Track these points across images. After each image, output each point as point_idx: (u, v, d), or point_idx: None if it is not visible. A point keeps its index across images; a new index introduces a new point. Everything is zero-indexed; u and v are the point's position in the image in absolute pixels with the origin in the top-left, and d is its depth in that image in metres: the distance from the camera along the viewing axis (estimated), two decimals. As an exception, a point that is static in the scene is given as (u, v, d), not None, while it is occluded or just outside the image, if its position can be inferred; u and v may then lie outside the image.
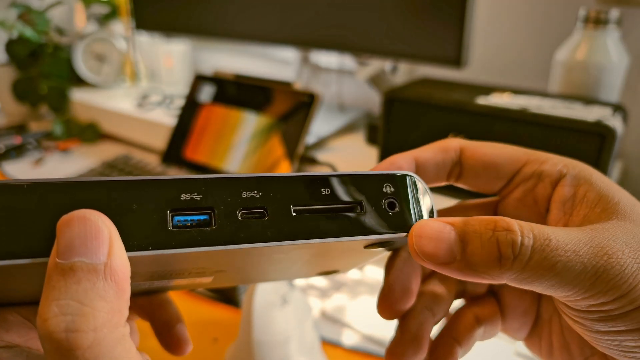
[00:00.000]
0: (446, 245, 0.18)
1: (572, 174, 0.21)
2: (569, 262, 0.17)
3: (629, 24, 0.67)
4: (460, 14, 0.63)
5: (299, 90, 0.72)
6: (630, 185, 0.73)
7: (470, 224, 0.18)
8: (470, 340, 0.24)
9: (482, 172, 0.23)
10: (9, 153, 0.91)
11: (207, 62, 1.20)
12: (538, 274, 0.17)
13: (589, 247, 0.17)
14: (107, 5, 1.17)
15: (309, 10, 0.76)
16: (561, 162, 0.22)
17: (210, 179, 0.18)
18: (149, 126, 0.91)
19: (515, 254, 0.17)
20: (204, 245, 0.17)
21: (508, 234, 0.17)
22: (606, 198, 0.20)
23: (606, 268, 0.16)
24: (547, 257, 0.17)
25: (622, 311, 0.17)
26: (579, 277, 0.17)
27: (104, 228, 0.15)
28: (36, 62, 1.06)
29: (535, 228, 0.17)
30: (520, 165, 0.22)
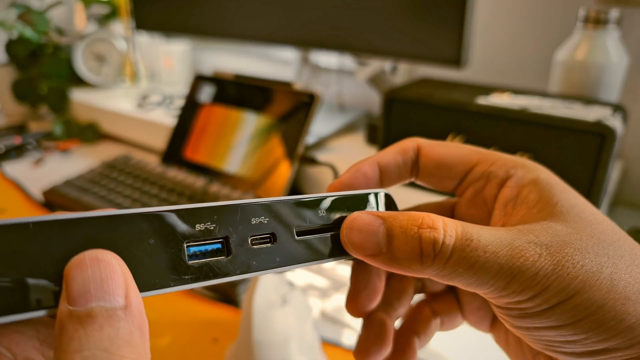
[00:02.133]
0: (374, 238, 0.18)
1: (518, 175, 0.22)
2: (486, 262, 0.17)
3: (629, 24, 0.67)
4: (460, 14, 0.63)
5: (299, 90, 0.72)
6: (630, 185, 0.73)
7: (398, 219, 0.19)
8: (428, 332, 0.25)
9: (435, 172, 0.23)
10: (9, 153, 0.91)
11: (207, 62, 1.21)
12: (457, 272, 0.18)
13: (509, 248, 0.18)
14: (107, 5, 1.17)
15: (309, 11, 0.76)
16: (510, 163, 0.22)
17: (220, 207, 0.18)
18: (149, 126, 0.91)
19: (436, 252, 0.18)
20: (221, 277, 0.17)
21: (431, 232, 0.18)
22: (545, 199, 0.20)
23: (521, 269, 0.17)
24: (467, 256, 0.17)
25: (538, 309, 0.18)
26: (496, 277, 0.17)
27: (118, 268, 0.14)
28: (36, 62, 1.06)
29: (460, 227, 0.18)
30: (471, 165, 0.23)
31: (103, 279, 0.14)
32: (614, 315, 0.17)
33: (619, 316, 0.17)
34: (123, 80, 1.16)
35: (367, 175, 0.23)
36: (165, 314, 0.50)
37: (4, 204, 0.75)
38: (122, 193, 0.70)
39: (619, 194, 0.73)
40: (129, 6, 1.00)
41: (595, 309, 0.17)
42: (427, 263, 0.18)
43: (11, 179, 0.82)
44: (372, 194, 0.22)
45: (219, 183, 0.71)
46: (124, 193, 0.70)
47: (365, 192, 0.22)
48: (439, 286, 0.27)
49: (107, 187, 0.72)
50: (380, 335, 0.24)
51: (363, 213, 0.19)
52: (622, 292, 0.17)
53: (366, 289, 0.24)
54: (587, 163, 0.49)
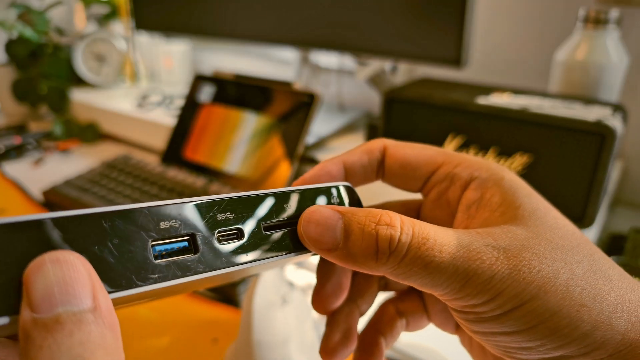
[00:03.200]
0: (331, 232, 0.18)
1: (482, 178, 0.21)
2: (441, 263, 0.17)
3: (629, 24, 0.67)
4: (460, 14, 0.63)
5: (299, 90, 0.72)
6: (630, 185, 0.73)
7: (357, 215, 0.18)
8: (394, 332, 0.25)
9: (400, 172, 0.23)
10: (9, 153, 0.91)
11: (207, 62, 1.21)
12: (412, 271, 0.17)
13: (466, 250, 0.17)
14: (107, 5, 1.17)
15: (309, 10, 0.76)
16: (474, 165, 0.22)
17: (185, 204, 0.18)
18: (149, 126, 0.91)
19: (391, 250, 0.17)
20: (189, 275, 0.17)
21: (388, 229, 0.17)
22: (508, 202, 0.20)
23: (476, 272, 0.17)
24: (422, 255, 0.17)
25: (493, 314, 0.17)
26: (450, 278, 0.17)
27: (82, 268, 0.13)
28: (36, 62, 1.06)
29: (417, 225, 0.18)
30: (435, 167, 0.23)
31: (67, 281, 0.13)
32: (569, 322, 0.17)
33: (574, 323, 0.17)
34: (123, 80, 1.16)
35: (331, 174, 0.23)
36: (165, 314, 0.50)
37: (4, 204, 0.75)
38: (122, 193, 0.70)
39: (619, 194, 0.73)
40: (129, 6, 1.00)
41: (550, 316, 0.17)
42: (382, 260, 0.17)
43: (11, 179, 0.82)
44: (333, 186, 0.22)
45: (219, 183, 0.71)
46: (124, 193, 0.70)
47: (327, 185, 0.22)
48: (402, 284, 0.26)
49: (107, 187, 0.72)
50: (346, 333, 0.24)
51: (322, 207, 0.19)
52: (578, 298, 0.17)
53: (332, 285, 0.23)
54: (587, 163, 0.49)
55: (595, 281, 0.18)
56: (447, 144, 0.57)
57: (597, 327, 0.17)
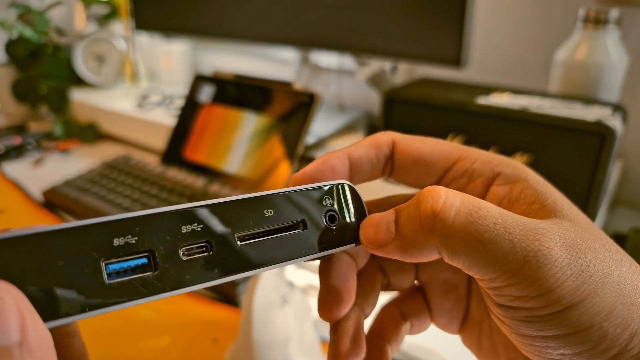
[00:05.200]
0: (384, 226, 0.18)
1: (507, 173, 0.20)
2: (497, 235, 0.16)
3: (629, 24, 0.67)
4: (460, 14, 0.63)
5: (299, 90, 0.72)
6: (630, 185, 0.73)
7: (404, 207, 0.18)
8: (399, 337, 0.24)
9: (412, 168, 0.22)
10: (8, 153, 0.91)
11: (207, 62, 1.21)
12: (464, 241, 0.16)
13: (522, 228, 0.16)
14: (107, 5, 1.17)
15: (308, 11, 0.76)
16: (494, 161, 0.21)
17: (142, 217, 0.16)
18: (149, 126, 0.91)
19: (435, 213, 0.16)
20: (147, 296, 0.15)
21: (429, 195, 0.17)
22: (543, 195, 0.19)
23: (536, 254, 0.16)
24: (474, 222, 0.16)
25: (548, 312, 0.16)
26: (507, 256, 0.16)
27: (10, 299, 0.12)
28: (36, 62, 1.06)
29: (466, 195, 0.17)
30: (451, 162, 0.21)
31: None
32: (621, 322, 0.16)
33: (625, 323, 0.16)
34: (123, 80, 1.16)
35: (335, 168, 0.21)
36: (165, 314, 0.50)
37: (4, 204, 0.75)
38: (122, 193, 0.70)
39: (619, 194, 0.73)
40: (129, 6, 1.00)
41: (605, 315, 0.16)
42: (427, 227, 0.16)
43: (11, 179, 0.82)
44: (332, 186, 0.20)
45: (219, 183, 0.71)
46: (123, 193, 0.70)
47: (323, 184, 0.20)
48: (405, 282, 0.25)
49: (107, 187, 0.72)
50: (355, 339, 0.22)
51: (378, 213, 0.19)
52: (628, 296, 0.16)
53: (341, 290, 0.22)
54: (587, 163, 0.49)
55: (638, 280, 0.17)
56: (447, 144, 0.57)
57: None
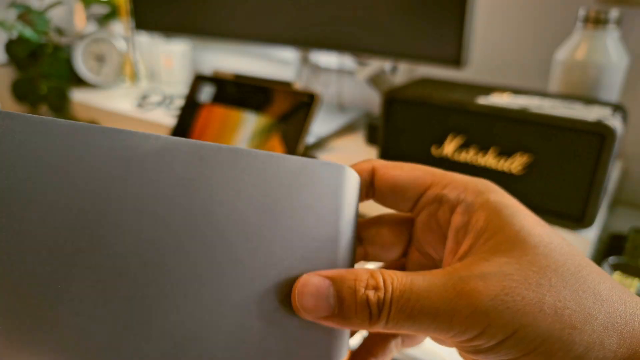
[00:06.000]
0: (325, 302, 0.19)
1: (468, 201, 0.21)
2: (423, 309, 0.18)
3: (629, 24, 0.67)
4: (460, 14, 0.63)
5: (299, 90, 0.72)
6: (630, 185, 0.73)
7: (347, 280, 0.19)
8: (386, 353, 0.24)
9: (389, 194, 0.23)
10: (8, 153, 0.91)
11: (207, 62, 1.20)
12: (401, 322, 0.18)
13: (444, 291, 0.18)
14: (107, 5, 1.17)
15: (308, 11, 0.76)
16: (461, 186, 0.22)
17: None
18: (149, 126, 0.91)
19: (380, 310, 0.18)
20: None
21: (376, 293, 0.19)
22: (492, 227, 0.20)
23: (457, 309, 0.18)
24: (404, 308, 0.18)
25: (488, 345, 0.18)
26: (436, 321, 0.18)
27: None
28: (36, 62, 1.06)
29: (396, 280, 0.19)
30: (424, 188, 0.23)
31: None
32: (561, 346, 0.17)
33: (567, 346, 0.17)
34: (123, 80, 1.16)
35: None
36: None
37: (4, 204, 0.75)
38: (122, 193, 0.70)
39: (619, 194, 0.73)
40: (129, 6, 1.00)
41: (542, 341, 0.17)
42: (374, 320, 0.19)
43: (11, 179, 0.82)
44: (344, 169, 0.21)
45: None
46: (124, 193, 0.70)
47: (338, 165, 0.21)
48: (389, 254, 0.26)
49: (107, 187, 0.72)
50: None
51: (312, 276, 0.20)
52: (568, 321, 0.17)
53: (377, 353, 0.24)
54: (587, 163, 0.49)
55: (585, 300, 0.18)
56: (447, 144, 0.57)
57: (589, 349, 0.17)
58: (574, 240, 0.51)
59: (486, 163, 0.55)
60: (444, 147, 0.57)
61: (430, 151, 0.58)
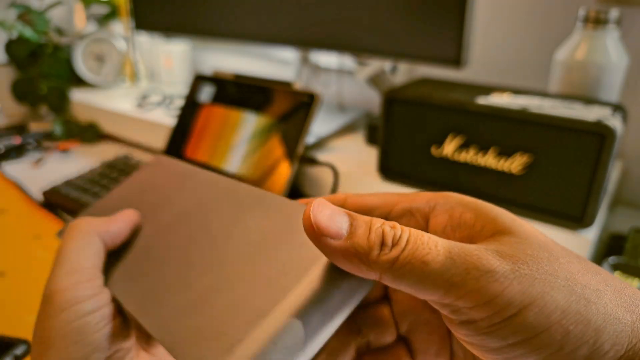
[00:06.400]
0: (338, 223, 0.19)
1: (441, 203, 0.22)
2: (438, 255, 0.18)
3: (629, 24, 0.67)
4: (460, 14, 0.63)
5: (299, 90, 0.72)
6: (630, 185, 0.73)
7: (360, 216, 0.19)
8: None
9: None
10: (9, 153, 0.91)
11: (207, 62, 1.21)
12: (411, 265, 0.18)
13: (461, 248, 0.18)
14: (107, 5, 1.17)
15: (308, 11, 0.76)
16: (429, 196, 0.22)
17: None
18: (149, 126, 0.91)
19: (394, 243, 0.18)
20: None
21: (392, 230, 0.19)
22: (483, 216, 0.20)
23: (476, 265, 0.17)
24: (420, 247, 0.18)
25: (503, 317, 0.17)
26: (448, 272, 0.17)
27: None
28: (36, 62, 1.06)
29: (413, 228, 0.19)
30: (391, 205, 0.23)
31: None
32: (581, 319, 0.16)
33: (586, 319, 0.16)
34: (123, 80, 1.16)
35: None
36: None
37: (4, 204, 0.75)
38: (122, 193, 0.70)
39: (619, 194, 0.73)
40: (129, 6, 1.00)
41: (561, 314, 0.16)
42: (385, 252, 0.18)
43: (11, 179, 0.82)
44: None
45: (219, 183, 0.71)
46: (124, 193, 0.70)
47: None
48: (386, 337, 0.25)
49: (107, 187, 0.72)
50: None
51: (328, 201, 0.20)
52: (581, 294, 0.17)
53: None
54: (587, 163, 0.49)
55: (591, 278, 0.18)
56: (447, 144, 0.57)
57: (607, 322, 0.16)
58: (574, 240, 0.51)
59: (486, 163, 0.55)
60: (444, 147, 0.57)
61: (430, 151, 0.58)
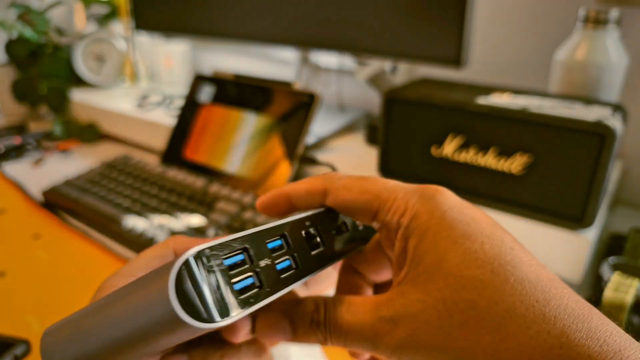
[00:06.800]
0: (283, 331, 0.23)
1: (404, 225, 0.21)
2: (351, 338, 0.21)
3: (629, 24, 0.67)
4: (460, 14, 0.63)
5: (299, 90, 0.72)
6: (630, 185, 0.73)
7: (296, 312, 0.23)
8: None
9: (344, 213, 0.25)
10: (8, 153, 0.91)
11: (207, 62, 1.21)
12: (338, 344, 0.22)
13: (369, 325, 0.21)
14: (107, 5, 1.17)
15: (308, 11, 0.76)
16: (402, 207, 0.21)
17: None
18: (149, 126, 0.91)
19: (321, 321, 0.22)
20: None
21: (316, 315, 0.22)
22: (418, 256, 0.20)
23: (376, 344, 0.21)
24: (339, 335, 0.22)
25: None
26: (361, 346, 0.21)
27: None
28: (36, 62, 1.06)
29: (330, 311, 0.22)
30: (372, 214, 0.23)
31: None
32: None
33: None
34: (123, 80, 1.16)
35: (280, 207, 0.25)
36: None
37: (4, 204, 0.75)
38: (122, 193, 0.70)
39: (619, 194, 0.73)
40: (129, 6, 1.00)
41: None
42: (321, 334, 0.22)
43: (11, 179, 0.82)
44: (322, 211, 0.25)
45: (219, 183, 0.71)
46: (123, 193, 0.70)
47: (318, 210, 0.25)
48: (385, 275, 0.27)
49: (107, 187, 0.72)
50: None
51: (269, 316, 0.23)
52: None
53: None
54: (587, 163, 0.49)
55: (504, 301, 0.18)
56: (447, 144, 0.57)
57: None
58: (574, 240, 0.51)
59: (486, 163, 0.55)
60: (444, 147, 0.57)
61: (430, 151, 0.58)
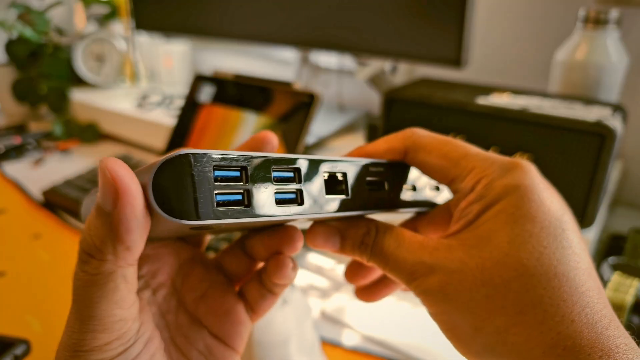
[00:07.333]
0: (332, 243, 0.25)
1: (477, 191, 0.23)
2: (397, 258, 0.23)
3: (629, 24, 0.67)
4: (460, 14, 0.63)
5: (299, 90, 0.72)
6: (630, 185, 0.73)
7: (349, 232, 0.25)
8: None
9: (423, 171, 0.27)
10: (8, 153, 0.91)
11: (207, 62, 1.21)
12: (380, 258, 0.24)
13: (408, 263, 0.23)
14: (107, 5, 1.17)
15: (309, 11, 0.76)
16: (479, 176, 0.23)
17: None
18: (148, 126, 0.91)
19: (369, 244, 0.24)
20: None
21: (367, 238, 0.24)
22: (475, 222, 0.22)
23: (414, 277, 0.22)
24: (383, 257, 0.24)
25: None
26: (402, 273, 0.23)
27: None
28: (36, 62, 1.06)
29: (381, 226, 0.24)
30: (448, 179, 0.24)
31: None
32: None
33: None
34: (123, 80, 1.16)
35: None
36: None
37: (4, 204, 0.75)
38: (122, 193, 0.70)
39: (619, 194, 0.73)
40: (129, 6, 1.00)
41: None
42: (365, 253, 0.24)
43: (11, 179, 0.82)
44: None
45: (219, 183, 0.71)
46: (124, 193, 0.70)
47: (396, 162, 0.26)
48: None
49: (107, 187, 0.72)
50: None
51: (321, 227, 0.25)
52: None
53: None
54: (587, 163, 0.49)
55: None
56: (447, 144, 0.57)
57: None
58: (574, 240, 0.51)
59: (486, 163, 0.55)
60: (444, 147, 0.57)
61: (430, 151, 0.58)
